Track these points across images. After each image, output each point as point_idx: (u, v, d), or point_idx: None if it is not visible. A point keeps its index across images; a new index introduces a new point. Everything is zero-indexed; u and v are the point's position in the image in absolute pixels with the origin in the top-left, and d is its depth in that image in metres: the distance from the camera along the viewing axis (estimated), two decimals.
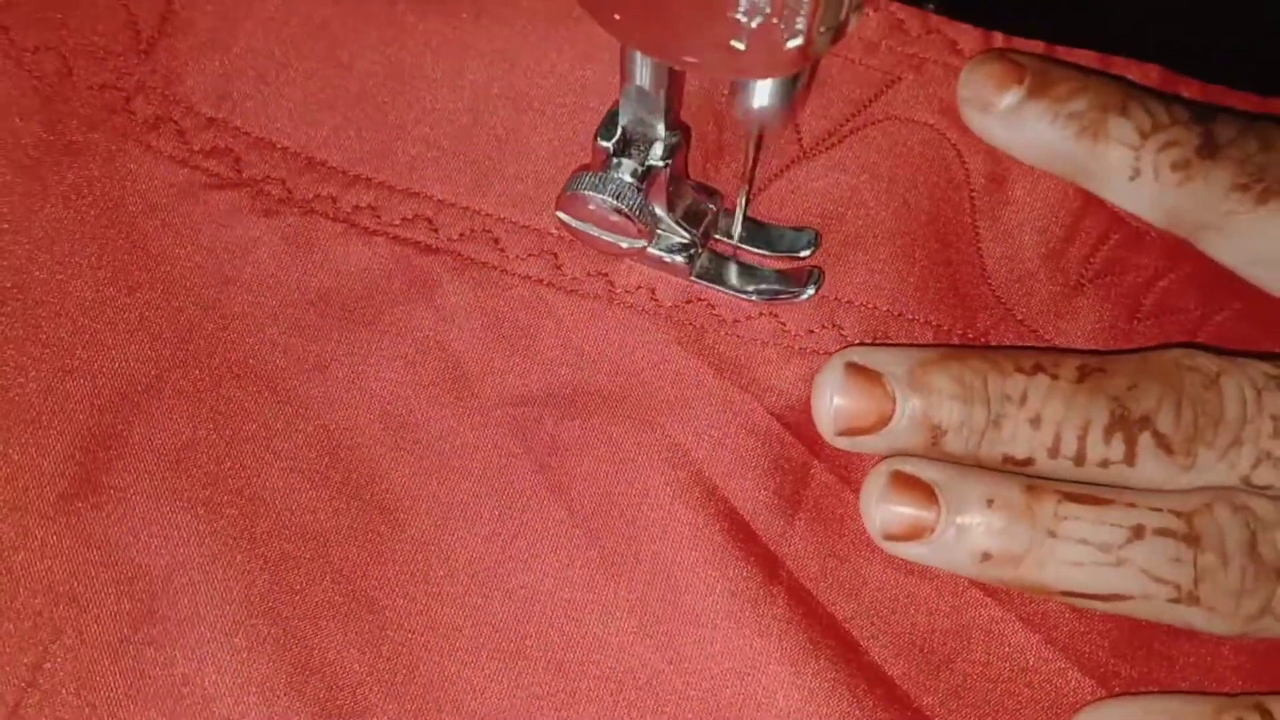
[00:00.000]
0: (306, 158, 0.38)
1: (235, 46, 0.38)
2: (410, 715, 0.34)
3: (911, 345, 0.36)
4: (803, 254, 0.37)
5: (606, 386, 0.36)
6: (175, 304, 0.36)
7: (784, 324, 0.37)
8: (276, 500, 0.35)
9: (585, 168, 0.35)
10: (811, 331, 0.37)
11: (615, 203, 0.34)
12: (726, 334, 0.37)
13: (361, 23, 0.38)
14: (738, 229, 0.37)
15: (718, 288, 0.37)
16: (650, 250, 0.36)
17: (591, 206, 0.34)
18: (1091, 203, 0.37)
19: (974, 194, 0.38)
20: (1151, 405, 0.33)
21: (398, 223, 0.37)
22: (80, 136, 0.37)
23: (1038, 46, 0.38)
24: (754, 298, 0.37)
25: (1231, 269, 0.36)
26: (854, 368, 0.34)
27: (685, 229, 0.36)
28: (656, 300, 0.37)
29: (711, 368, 0.36)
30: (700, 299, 0.37)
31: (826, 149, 0.38)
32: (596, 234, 0.35)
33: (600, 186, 0.34)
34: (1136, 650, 0.35)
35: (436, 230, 0.37)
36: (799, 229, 0.37)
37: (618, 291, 0.37)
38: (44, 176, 0.37)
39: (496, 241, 0.37)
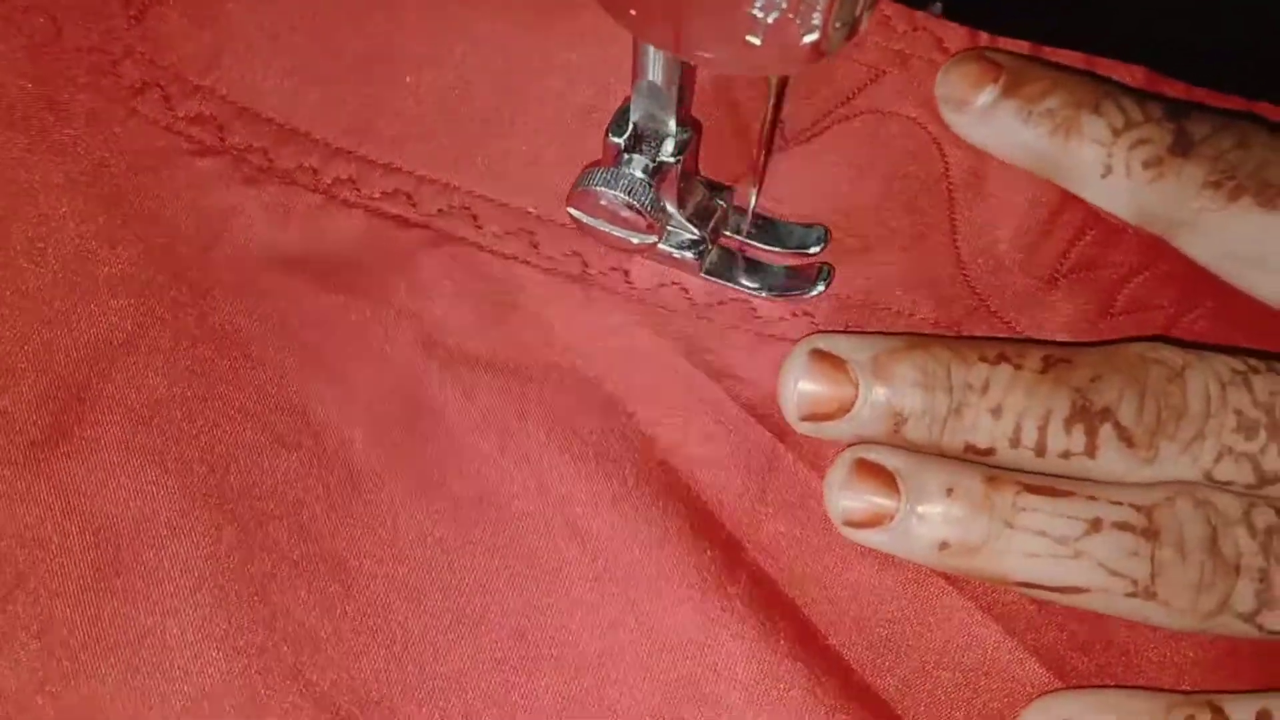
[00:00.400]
0: (290, 129, 0.38)
1: (225, 18, 0.39)
2: (372, 674, 0.34)
3: (878, 333, 0.36)
4: (812, 250, 0.38)
5: (577, 364, 0.37)
6: (156, 263, 0.37)
7: (756, 310, 0.37)
8: (247, 461, 0.36)
9: (596, 163, 0.35)
10: (783, 319, 0.37)
11: (627, 198, 0.34)
12: (698, 318, 0.37)
13: (353, 0, 0.39)
14: (747, 225, 0.37)
15: (727, 284, 0.37)
16: (660, 246, 0.36)
17: (603, 202, 0.35)
18: (1069, 199, 0.37)
19: (952, 187, 0.38)
20: (1113, 397, 0.34)
21: (377, 196, 0.38)
22: (67, 96, 0.38)
23: (1023, 47, 0.39)
24: (764, 294, 0.37)
25: (1205, 266, 0.36)
26: (818, 354, 0.35)
27: (695, 225, 0.37)
28: (630, 282, 0.37)
29: (682, 351, 0.37)
30: (674, 283, 0.37)
31: (807, 139, 0.38)
32: (607, 229, 0.36)
33: (612, 182, 0.34)
34: (1096, 643, 0.35)
35: (415, 205, 0.38)
36: (809, 225, 0.38)
37: (592, 273, 0.37)
38: (30, 131, 0.38)
39: (475, 218, 0.38)
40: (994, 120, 0.37)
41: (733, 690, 0.34)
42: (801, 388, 0.35)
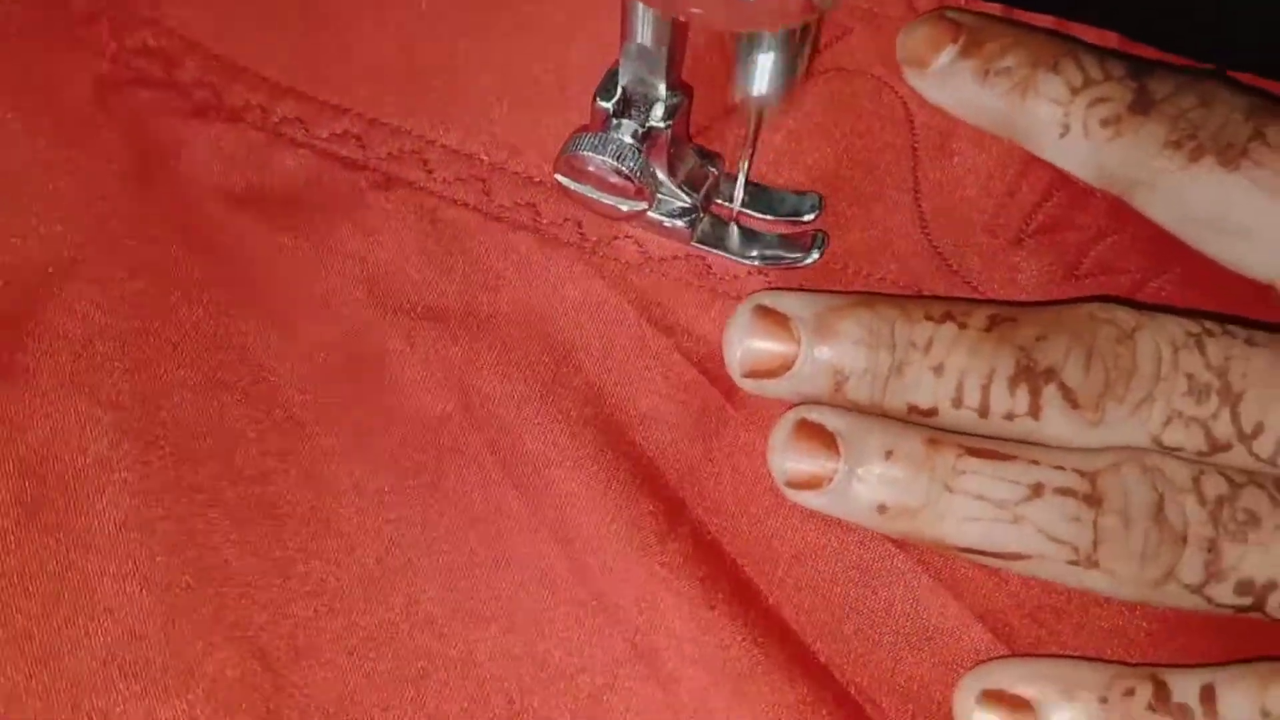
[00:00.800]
0: (240, 66, 0.39)
1: None
2: (301, 622, 0.34)
3: (827, 291, 0.35)
4: (806, 218, 0.37)
5: (525, 315, 0.37)
6: (96, 192, 0.38)
7: (710, 266, 0.37)
8: (181, 398, 0.36)
9: (584, 128, 0.35)
10: (737, 277, 0.37)
11: (615, 164, 0.34)
12: (651, 272, 0.37)
13: None
14: (740, 193, 0.37)
15: (719, 253, 0.37)
16: (650, 214, 0.36)
17: (591, 168, 0.34)
18: (1036, 160, 0.37)
19: (917, 146, 0.37)
20: (1059, 357, 0.33)
21: (325, 137, 0.38)
22: (14, 24, 0.39)
23: (995, 8, 0.38)
24: (756, 263, 0.37)
25: (1165, 228, 0.35)
26: (762, 310, 0.34)
27: (686, 193, 0.36)
28: (583, 233, 0.37)
29: (633, 306, 0.36)
30: (627, 236, 0.37)
31: None
32: (596, 196, 0.35)
33: (600, 147, 0.34)
34: (1045, 611, 0.35)
35: (365, 147, 0.38)
36: (802, 193, 0.37)
37: (544, 223, 0.37)
38: None
39: (425, 163, 0.38)
40: (953, 81, 0.36)
41: (670, 646, 0.34)
42: (745, 344, 0.34)
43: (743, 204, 0.37)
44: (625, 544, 0.34)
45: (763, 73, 0.32)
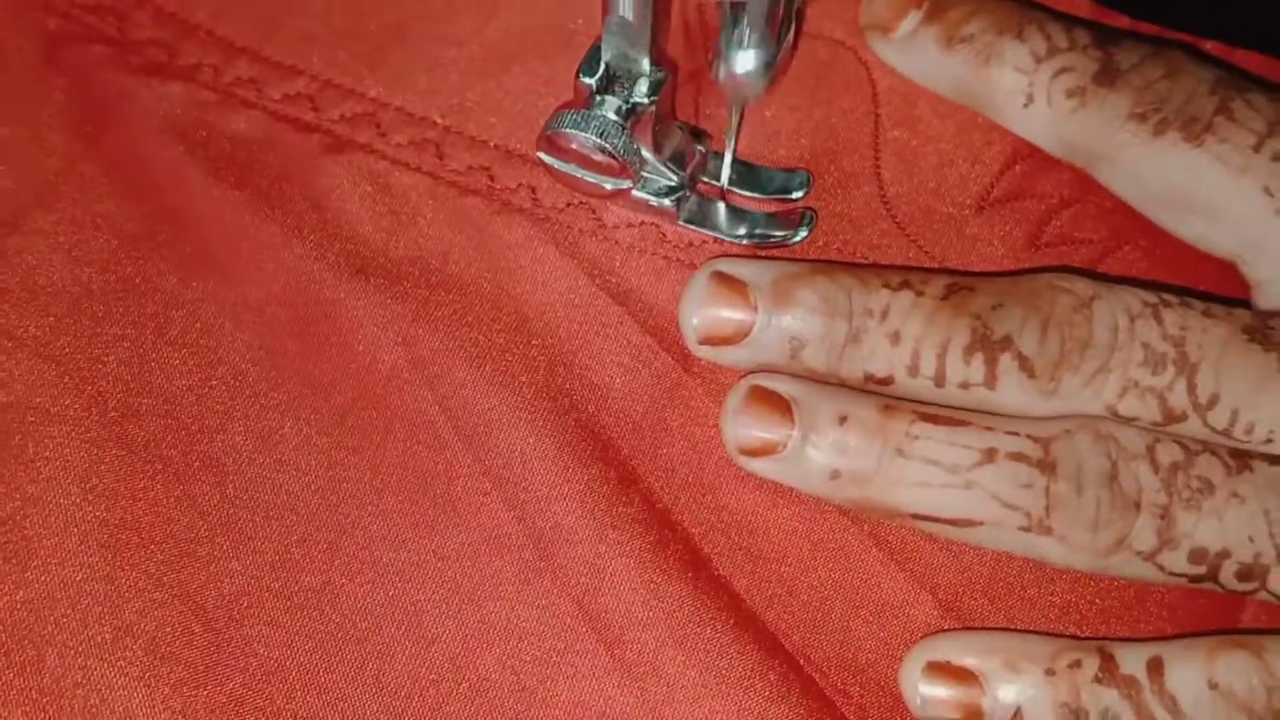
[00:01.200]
0: (194, 25, 0.38)
1: None
2: (244, 582, 0.34)
3: (784, 259, 0.35)
4: (794, 196, 0.37)
5: (477, 281, 0.36)
6: (44, 145, 0.37)
7: (665, 235, 0.36)
8: (125, 353, 0.35)
9: (567, 105, 0.34)
10: (691, 244, 0.36)
11: (599, 141, 0.33)
12: (605, 239, 0.36)
13: None
14: (726, 171, 0.36)
15: (706, 231, 0.36)
16: (636, 193, 0.36)
17: (574, 145, 0.34)
18: (999, 127, 0.36)
19: (879, 112, 0.37)
20: (1014, 326, 0.32)
21: (278, 98, 0.38)
22: None
23: None
24: (744, 242, 0.36)
25: (1128, 202, 0.35)
26: (719, 276, 0.34)
27: (673, 171, 0.36)
28: (537, 199, 0.37)
29: (587, 274, 0.36)
30: (582, 203, 0.37)
31: None
32: (580, 175, 0.35)
33: (583, 124, 0.33)
34: (997, 586, 0.34)
35: (318, 110, 0.37)
36: (791, 170, 0.37)
37: (498, 188, 0.37)
38: None
39: (378, 126, 0.37)
40: (916, 47, 0.36)
41: (618, 609, 0.33)
42: (701, 311, 0.34)
43: (730, 182, 0.37)
44: (575, 506, 0.34)
45: (745, 59, 0.31)
